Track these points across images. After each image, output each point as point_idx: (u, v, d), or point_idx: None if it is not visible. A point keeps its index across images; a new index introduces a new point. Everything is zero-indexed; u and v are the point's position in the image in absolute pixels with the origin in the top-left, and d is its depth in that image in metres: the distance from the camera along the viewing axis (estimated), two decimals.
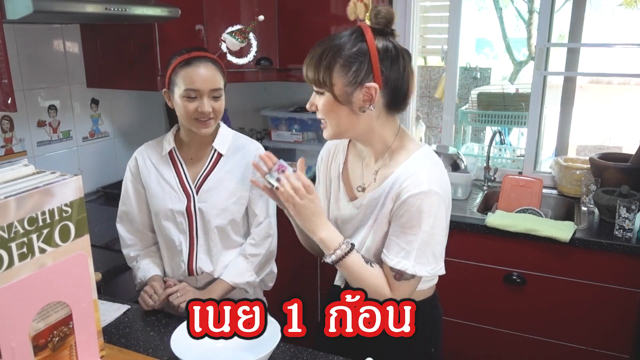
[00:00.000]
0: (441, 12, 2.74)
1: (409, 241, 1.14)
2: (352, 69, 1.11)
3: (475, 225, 2.12)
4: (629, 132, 4.90)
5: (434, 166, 1.19)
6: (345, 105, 1.14)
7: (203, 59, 1.46)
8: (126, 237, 1.63)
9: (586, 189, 2.26)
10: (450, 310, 2.25)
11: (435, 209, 1.13)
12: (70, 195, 1.01)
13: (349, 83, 1.12)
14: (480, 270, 2.16)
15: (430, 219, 1.13)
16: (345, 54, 1.11)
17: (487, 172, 2.59)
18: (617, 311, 1.99)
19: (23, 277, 0.93)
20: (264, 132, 3.02)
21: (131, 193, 1.60)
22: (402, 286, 1.17)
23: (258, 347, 1.19)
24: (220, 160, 1.56)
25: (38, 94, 2.19)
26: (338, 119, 1.16)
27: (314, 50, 1.15)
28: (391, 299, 1.16)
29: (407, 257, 1.14)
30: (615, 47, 3.23)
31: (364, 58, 1.11)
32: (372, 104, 1.13)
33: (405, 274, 1.15)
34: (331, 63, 1.11)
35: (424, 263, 1.15)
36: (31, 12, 1.48)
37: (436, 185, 1.14)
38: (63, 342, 1.04)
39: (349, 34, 1.14)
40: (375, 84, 1.12)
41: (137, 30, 2.16)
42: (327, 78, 1.12)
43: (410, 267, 1.14)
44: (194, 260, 1.55)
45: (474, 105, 3.61)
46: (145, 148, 1.62)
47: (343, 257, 1.17)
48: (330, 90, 1.13)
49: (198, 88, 1.44)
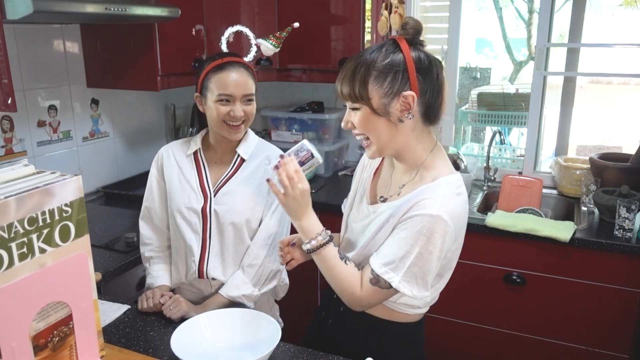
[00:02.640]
0: (441, 12, 2.74)
1: (402, 257, 1.12)
2: (388, 79, 1.11)
3: (475, 225, 2.12)
4: (629, 132, 4.89)
5: (455, 195, 1.15)
6: (384, 117, 1.13)
7: (236, 64, 1.48)
8: (145, 235, 1.64)
9: (586, 189, 2.26)
10: (450, 310, 2.26)
11: (439, 236, 1.10)
12: (70, 195, 1.01)
13: (385, 94, 1.11)
14: (480, 270, 2.16)
15: (430, 244, 1.10)
16: (379, 65, 1.11)
17: (487, 172, 2.59)
18: (617, 311, 1.99)
19: (23, 277, 0.93)
20: (264, 132, 3.02)
21: (155, 189, 1.61)
22: (374, 292, 1.16)
23: (258, 347, 1.19)
24: (242, 165, 1.57)
25: (38, 94, 2.19)
26: (378, 132, 1.15)
27: (346, 66, 1.15)
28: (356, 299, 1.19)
29: (396, 270, 1.12)
30: (615, 47, 3.24)
31: (399, 68, 1.11)
32: (411, 112, 1.12)
33: (382, 282, 1.14)
34: (365, 76, 1.11)
35: (410, 282, 1.12)
36: (31, 12, 1.49)
37: (447, 214, 1.10)
38: (63, 342, 1.04)
39: (379, 47, 1.15)
40: (413, 92, 1.11)
41: (137, 30, 2.16)
42: (363, 91, 1.11)
43: (396, 281, 1.12)
44: (205, 262, 1.54)
45: (474, 105, 3.61)
46: (171, 145, 1.64)
47: (319, 247, 1.18)
48: (367, 103, 1.12)
49: (231, 93, 1.46)
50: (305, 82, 2.75)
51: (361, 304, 1.19)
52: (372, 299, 1.18)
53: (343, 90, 1.15)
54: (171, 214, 1.57)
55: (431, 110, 1.16)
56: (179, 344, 1.16)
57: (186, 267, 1.57)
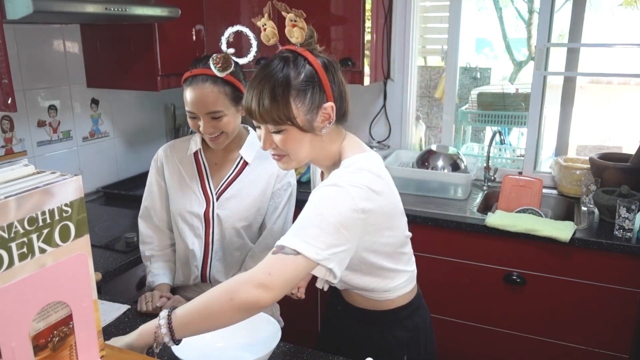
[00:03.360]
0: (441, 12, 2.74)
1: (298, 224, 1.06)
2: (308, 96, 1.09)
3: (475, 225, 2.12)
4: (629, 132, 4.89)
5: (355, 171, 1.12)
6: (309, 133, 1.12)
7: (202, 77, 1.40)
8: (145, 234, 1.62)
9: (586, 189, 2.26)
10: (450, 310, 2.26)
11: (335, 198, 1.06)
12: (70, 195, 1.01)
13: (308, 110, 1.10)
14: (480, 270, 2.16)
15: (328, 207, 1.05)
16: (296, 83, 1.08)
17: (487, 172, 2.59)
18: (617, 311, 1.99)
19: (23, 277, 0.93)
20: None
21: (155, 189, 1.59)
22: (274, 259, 1.02)
23: (258, 347, 1.19)
24: (245, 169, 1.53)
25: (38, 94, 2.19)
26: (301, 148, 1.13)
27: (256, 87, 1.09)
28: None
29: (293, 234, 1.04)
30: (615, 47, 3.23)
31: (314, 81, 1.09)
32: (331, 122, 1.12)
33: (285, 247, 1.03)
34: (286, 96, 1.07)
35: (311, 245, 1.02)
36: (31, 12, 1.48)
37: (346, 182, 1.08)
38: (63, 342, 1.04)
39: (282, 61, 1.10)
40: (331, 103, 1.11)
41: (137, 30, 2.16)
42: (288, 112, 1.08)
43: (294, 242, 1.02)
44: (208, 266, 1.53)
45: (474, 105, 3.61)
46: (170, 145, 1.60)
47: (169, 317, 1.04)
48: (293, 123, 1.09)
49: (192, 110, 1.41)
50: None
51: (258, 279, 1.01)
52: (272, 268, 1.01)
53: (264, 116, 1.08)
54: (173, 217, 1.56)
55: (342, 110, 1.16)
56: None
57: (188, 271, 1.56)
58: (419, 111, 2.99)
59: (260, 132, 1.15)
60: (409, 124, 2.81)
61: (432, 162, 2.52)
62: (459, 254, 2.18)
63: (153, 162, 1.60)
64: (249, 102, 1.11)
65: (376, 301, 1.26)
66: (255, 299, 1.00)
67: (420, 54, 2.93)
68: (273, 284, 1.00)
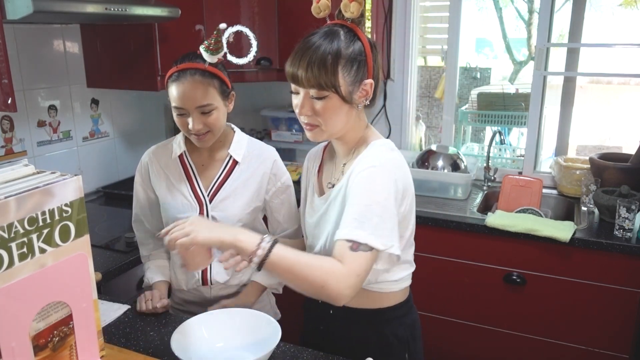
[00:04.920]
0: (441, 12, 2.74)
1: (360, 212, 1.09)
2: (354, 68, 1.13)
3: (475, 225, 2.12)
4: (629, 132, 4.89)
5: (389, 150, 1.21)
6: (348, 104, 1.15)
7: (190, 72, 1.38)
8: (140, 237, 1.62)
9: (586, 189, 2.26)
10: (450, 310, 2.26)
11: (384, 182, 1.11)
12: (70, 195, 1.01)
13: (352, 82, 1.14)
14: (480, 270, 2.16)
15: (377, 192, 1.10)
16: (345, 53, 1.12)
17: (487, 172, 2.59)
18: (617, 311, 1.99)
19: (23, 277, 0.93)
20: (264, 132, 3.02)
21: (142, 198, 1.57)
22: (359, 257, 1.07)
23: (258, 347, 1.19)
24: (235, 168, 1.51)
25: (38, 94, 2.19)
26: (338, 119, 1.16)
27: (306, 52, 1.12)
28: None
29: (361, 227, 1.08)
30: (615, 47, 3.23)
31: (362, 57, 1.14)
32: (368, 99, 1.17)
33: (361, 244, 1.07)
34: (335, 64, 1.11)
35: (378, 235, 1.08)
36: (31, 12, 1.48)
37: (387, 161, 1.15)
38: (63, 342, 1.04)
39: (333, 33, 1.13)
40: (371, 80, 1.16)
41: (137, 30, 2.16)
42: (334, 79, 1.11)
43: (364, 236, 1.07)
44: (208, 270, 1.52)
45: (474, 105, 3.60)
46: (153, 151, 1.57)
47: (270, 249, 1.05)
48: (337, 91, 1.12)
49: (182, 106, 1.39)
50: None
51: (349, 281, 1.05)
52: (359, 268, 1.07)
53: (310, 79, 1.11)
54: (166, 223, 1.53)
55: (374, 93, 1.20)
56: (179, 344, 1.16)
57: (186, 275, 1.54)
58: (419, 111, 2.99)
59: (297, 99, 1.17)
60: (409, 124, 2.81)
61: (432, 162, 2.52)
62: (459, 254, 2.18)
63: (137, 172, 1.57)
64: (294, 66, 1.13)
65: (378, 294, 1.26)
66: (342, 298, 1.06)
67: (420, 54, 2.93)
68: (358, 285, 1.08)
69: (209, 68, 1.40)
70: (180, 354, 1.12)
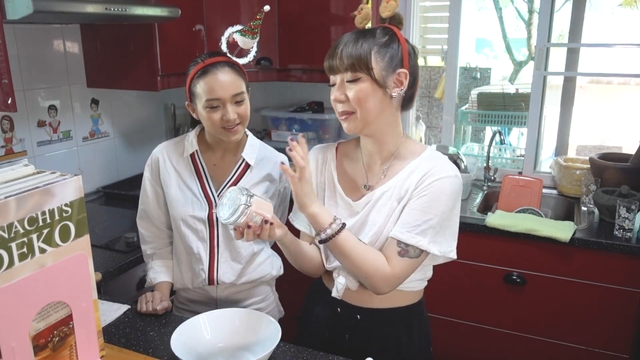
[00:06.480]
0: (441, 12, 2.74)
1: (426, 220, 1.16)
2: (388, 54, 1.16)
3: (475, 225, 2.12)
4: (629, 132, 4.90)
5: (449, 162, 1.25)
6: (381, 89, 1.16)
7: (220, 64, 1.41)
8: (145, 234, 1.60)
9: (586, 189, 2.26)
10: (450, 310, 2.26)
11: (457, 193, 1.20)
12: (70, 195, 1.01)
13: (385, 67, 1.16)
14: (480, 270, 2.16)
15: (452, 201, 1.18)
16: (379, 41, 1.16)
17: (487, 172, 2.59)
18: (617, 311, 1.99)
19: (23, 277, 0.93)
20: (264, 132, 3.02)
21: (150, 193, 1.56)
22: (404, 263, 1.18)
23: (258, 347, 1.19)
24: (247, 172, 1.52)
25: (38, 94, 2.19)
26: (372, 105, 1.16)
27: (344, 39, 1.17)
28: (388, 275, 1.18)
29: (423, 234, 1.16)
30: (615, 47, 3.24)
31: (397, 45, 1.17)
32: (402, 89, 1.18)
33: (411, 251, 1.17)
34: (369, 47, 1.14)
35: (438, 242, 1.18)
36: (31, 12, 1.48)
37: (456, 171, 1.21)
38: (63, 342, 1.04)
39: (377, 30, 1.19)
40: (406, 70, 1.17)
41: (137, 30, 2.16)
42: (367, 62, 1.14)
43: (425, 244, 1.16)
44: (215, 269, 1.51)
45: (474, 105, 3.61)
46: (165, 147, 1.56)
47: (338, 232, 1.17)
48: (370, 73, 1.14)
49: (219, 97, 1.39)
50: (305, 82, 2.75)
51: (390, 281, 1.18)
52: (402, 273, 1.19)
53: (344, 60, 1.15)
54: (174, 221, 1.53)
55: (410, 94, 1.23)
56: (179, 344, 1.16)
57: (192, 274, 1.53)
58: (419, 111, 3.00)
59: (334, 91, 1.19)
60: (409, 124, 2.81)
61: None
62: (459, 254, 2.17)
63: (147, 166, 1.57)
64: (330, 57, 1.17)
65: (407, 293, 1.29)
66: (380, 293, 1.20)
67: (420, 54, 2.93)
68: (397, 285, 1.21)
69: (233, 60, 1.45)
70: (180, 354, 1.12)
